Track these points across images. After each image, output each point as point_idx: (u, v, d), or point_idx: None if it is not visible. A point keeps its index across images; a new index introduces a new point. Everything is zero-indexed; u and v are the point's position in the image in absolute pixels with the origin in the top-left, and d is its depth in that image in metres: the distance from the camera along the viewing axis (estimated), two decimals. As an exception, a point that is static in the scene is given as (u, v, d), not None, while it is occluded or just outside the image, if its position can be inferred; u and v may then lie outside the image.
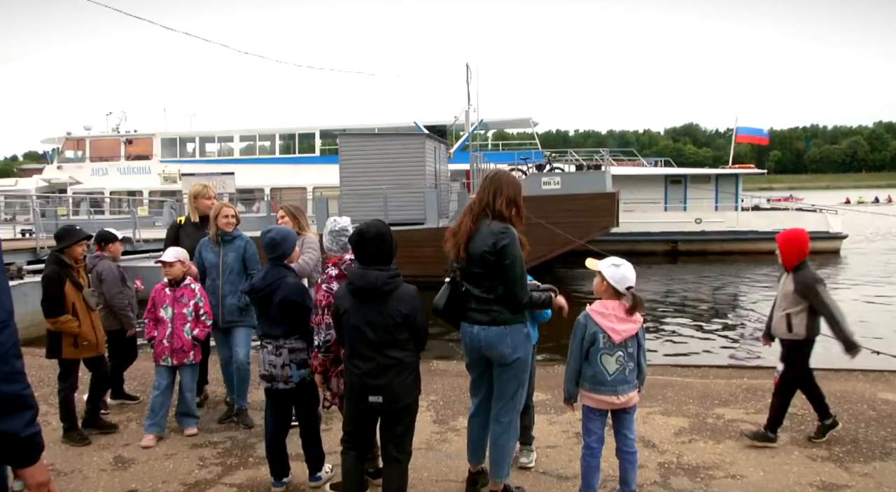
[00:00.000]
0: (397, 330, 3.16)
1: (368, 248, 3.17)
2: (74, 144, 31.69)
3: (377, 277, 3.13)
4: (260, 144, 30.41)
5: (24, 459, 1.69)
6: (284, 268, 3.85)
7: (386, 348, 3.16)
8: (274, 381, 3.76)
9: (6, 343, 1.63)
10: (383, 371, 3.16)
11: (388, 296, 3.15)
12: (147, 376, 6.13)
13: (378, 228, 3.21)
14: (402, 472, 3.31)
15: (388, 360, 3.16)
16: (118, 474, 4.17)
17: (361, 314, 3.15)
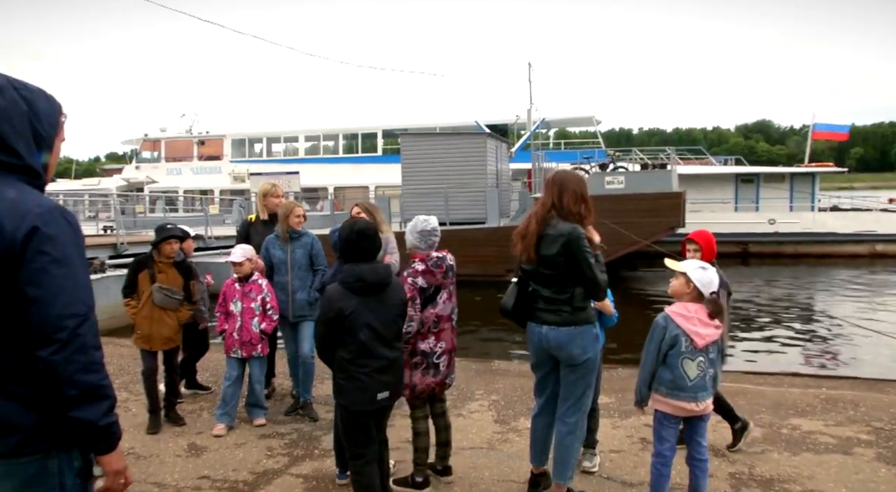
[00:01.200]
0: (398, 319, 3.30)
1: (368, 246, 3.24)
2: (151, 145, 33.22)
3: (384, 269, 3.28)
4: (324, 143, 31.10)
5: (101, 447, 1.75)
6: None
7: (393, 341, 3.26)
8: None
9: (86, 335, 1.69)
10: (391, 365, 3.22)
11: (388, 287, 3.25)
12: (218, 367, 6.36)
13: (372, 227, 3.35)
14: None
15: (395, 353, 3.26)
16: (192, 461, 4.34)
17: (370, 310, 3.16)
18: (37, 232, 1.65)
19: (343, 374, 3.19)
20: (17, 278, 1.63)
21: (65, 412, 1.67)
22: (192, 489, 3.92)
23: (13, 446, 1.66)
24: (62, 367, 1.63)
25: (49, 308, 1.64)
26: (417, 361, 3.71)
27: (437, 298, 3.71)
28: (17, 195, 1.70)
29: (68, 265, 1.68)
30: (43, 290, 1.63)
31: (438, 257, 3.72)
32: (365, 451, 3.27)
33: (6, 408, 1.66)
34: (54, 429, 1.71)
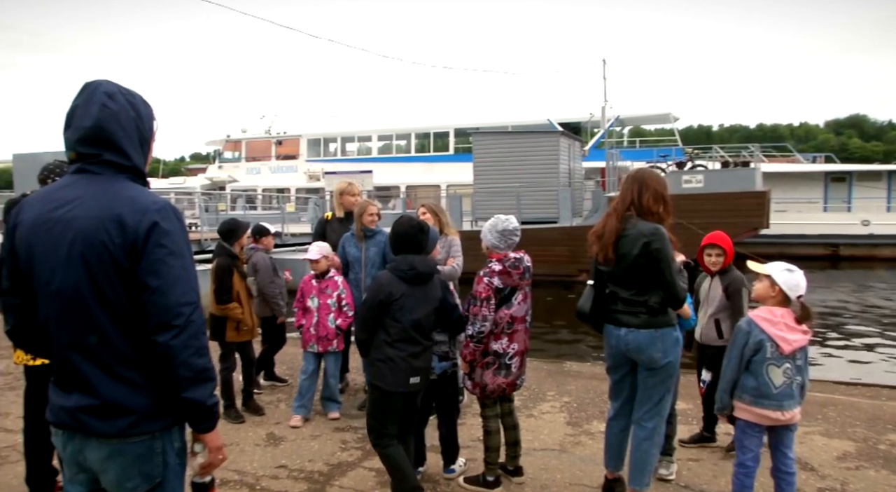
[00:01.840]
0: (433, 313, 3.51)
1: (422, 239, 3.51)
2: (233, 146, 34.66)
3: (433, 261, 3.52)
4: (396, 143, 31.54)
5: (205, 425, 1.89)
6: None
7: (430, 330, 3.51)
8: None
9: (197, 321, 1.81)
10: (424, 353, 3.47)
11: (430, 280, 3.48)
12: (295, 360, 6.56)
13: (422, 223, 3.61)
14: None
15: (429, 341, 3.52)
16: (270, 450, 4.50)
17: (415, 298, 3.41)
18: (156, 226, 1.77)
19: (381, 356, 3.40)
20: (137, 269, 1.75)
21: (178, 393, 1.79)
22: (270, 478, 4.06)
23: (125, 427, 1.79)
24: (178, 351, 1.76)
25: (167, 297, 1.76)
26: (489, 361, 3.70)
27: (512, 299, 3.68)
28: (134, 193, 1.83)
29: (182, 257, 1.82)
30: (162, 280, 1.76)
31: (516, 258, 3.69)
32: (390, 431, 3.47)
33: (119, 391, 1.79)
34: (162, 411, 1.83)
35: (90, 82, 1.88)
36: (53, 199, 1.83)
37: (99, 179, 1.84)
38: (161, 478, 1.88)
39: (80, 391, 1.80)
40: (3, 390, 5.92)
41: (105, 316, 1.77)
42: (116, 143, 1.85)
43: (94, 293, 1.76)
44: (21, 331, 1.95)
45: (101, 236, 1.74)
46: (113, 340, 1.78)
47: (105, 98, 1.84)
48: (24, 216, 1.86)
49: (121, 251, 1.75)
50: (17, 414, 5.15)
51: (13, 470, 4.14)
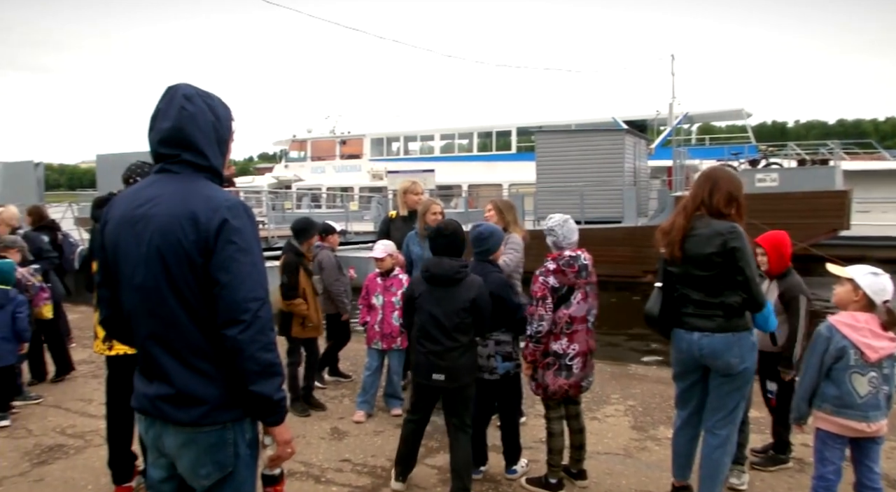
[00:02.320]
0: (464, 314, 3.52)
1: (444, 242, 3.65)
2: (298, 146, 35.54)
3: (450, 265, 3.57)
4: (459, 142, 31.59)
5: (273, 419, 1.94)
6: (490, 263, 3.95)
7: (454, 331, 3.53)
8: (480, 371, 3.88)
9: (265, 317, 1.87)
10: (448, 352, 3.53)
11: (459, 283, 3.56)
12: (358, 357, 6.66)
13: (454, 227, 3.71)
14: (468, 442, 3.65)
15: (454, 343, 3.53)
16: (334, 444, 4.59)
17: (434, 298, 3.57)
18: (227, 224, 1.83)
19: (413, 348, 3.72)
20: (209, 265, 1.82)
21: (246, 386, 1.84)
22: (334, 471, 4.14)
23: (198, 417, 1.86)
24: (246, 345, 1.81)
25: (236, 292, 1.82)
26: (549, 361, 3.66)
27: (570, 298, 3.63)
28: (209, 191, 1.90)
29: (252, 254, 1.87)
30: (232, 275, 1.82)
31: (571, 256, 3.64)
32: (415, 413, 3.80)
33: (193, 382, 1.86)
34: (233, 403, 1.89)
35: (171, 86, 1.97)
36: (137, 197, 1.93)
37: (178, 179, 1.92)
38: (233, 468, 1.94)
39: (159, 380, 1.89)
40: (87, 377, 6.26)
41: (181, 309, 1.84)
42: (194, 143, 1.93)
43: (171, 288, 1.84)
44: (112, 321, 2.05)
45: (176, 233, 1.82)
46: (188, 333, 1.85)
47: (184, 101, 1.92)
48: (112, 213, 1.97)
49: (194, 247, 1.82)
50: (99, 401, 5.45)
51: (96, 453, 4.37)
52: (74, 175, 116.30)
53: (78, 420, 5.07)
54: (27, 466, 4.23)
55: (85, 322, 8.57)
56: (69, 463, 4.28)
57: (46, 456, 4.38)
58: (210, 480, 1.92)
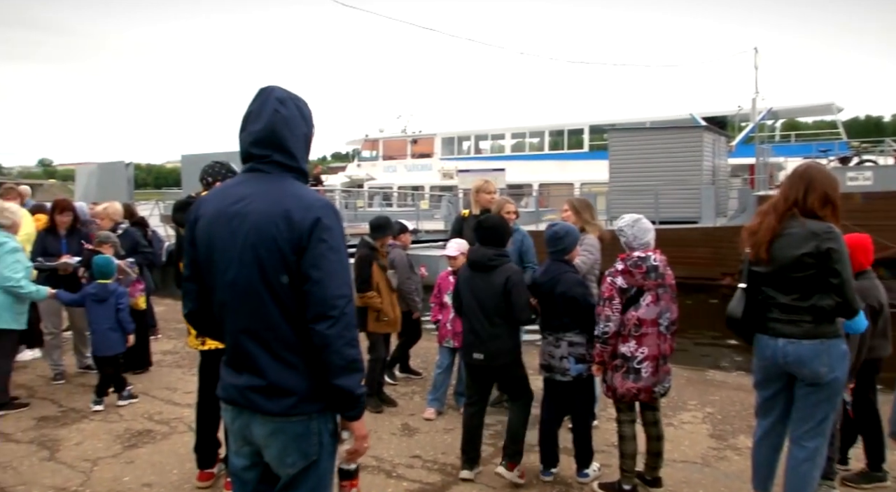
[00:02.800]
0: (498, 298, 3.78)
1: (483, 233, 3.97)
2: (370, 145, 36.15)
3: (485, 253, 3.90)
4: (529, 140, 31.33)
5: (353, 413, 1.99)
6: (565, 263, 3.91)
7: (492, 314, 3.82)
8: (552, 371, 3.85)
9: (350, 314, 1.93)
10: (486, 333, 3.83)
11: (494, 270, 3.83)
12: (429, 354, 6.72)
13: (494, 221, 4.07)
14: (521, 408, 3.94)
15: (491, 324, 3.82)
16: (405, 440, 4.64)
17: (474, 283, 3.91)
18: (319, 222, 1.90)
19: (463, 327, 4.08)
20: (301, 261, 1.89)
21: (330, 380, 1.90)
22: (405, 467, 4.19)
23: (287, 407, 1.93)
24: (333, 340, 1.87)
25: (326, 289, 1.88)
26: (617, 363, 3.59)
27: (640, 300, 3.54)
28: (300, 191, 1.98)
29: (340, 252, 1.94)
30: (322, 272, 1.88)
31: (639, 257, 3.55)
32: (470, 398, 4.10)
33: (283, 374, 1.93)
34: (319, 395, 1.95)
35: (264, 88, 2.04)
36: (229, 195, 2.01)
37: (268, 178, 1.99)
38: (317, 457, 2.00)
39: (249, 372, 1.96)
40: (171, 367, 6.59)
41: (273, 304, 1.91)
42: (285, 145, 2.00)
43: (264, 283, 1.90)
44: (197, 315, 2.14)
45: (271, 230, 1.89)
46: (279, 327, 1.92)
47: (277, 104, 2.00)
48: (204, 210, 2.04)
49: (288, 245, 1.88)
50: (183, 390, 5.72)
51: (181, 440, 4.59)
52: (160, 174, 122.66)
53: (164, 408, 5.34)
54: (119, 448, 4.49)
55: (169, 315, 9.01)
56: (156, 447, 4.51)
57: (136, 440, 4.64)
58: (296, 468, 1.99)
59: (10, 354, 5.40)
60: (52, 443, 4.58)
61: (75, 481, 3.98)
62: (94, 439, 4.66)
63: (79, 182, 18.88)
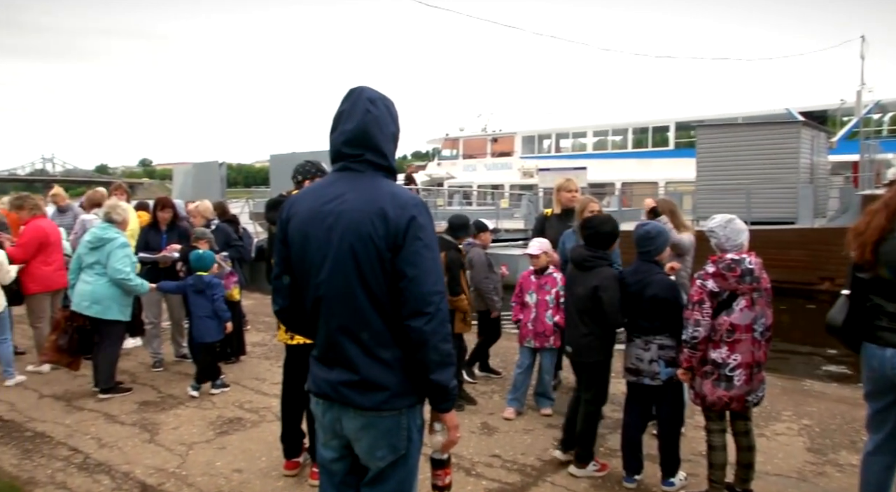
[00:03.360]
0: (588, 300, 3.84)
1: (586, 233, 4.02)
2: (451, 144, 36.42)
3: (582, 253, 3.97)
4: (612, 138, 30.66)
5: (446, 405, 2.03)
6: (655, 264, 3.80)
7: (583, 313, 3.90)
8: (640, 375, 3.74)
9: (444, 310, 1.96)
10: (577, 329, 3.97)
11: (589, 270, 3.88)
12: (508, 354, 6.69)
13: (597, 222, 4.05)
14: (588, 415, 3.96)
15: (581, 322, 3.93)
16: (484, 439, 4.63)
17: (573, 280, 4.04)
18: (414, 220, 1.93)
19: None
20: (396, 259, 1.92)
21: (426, 375, 1.95)
22: (484, 465, 4.18)
23: (379, 402, 1.98)
24: (430, 336, 1.91)
25: (422, 286, 1.91)
26: (707, 369, 3.44)
27: (732, 304, 3.37)
28: (393, 189, 2.01)
29: (433, 250, 1.97)
30: (418, 269, 1.91)
31: (733, 260, 3.38)
32: (577, 385, 4.21)
33: (375, 369, 1.97)
34: (409, 390, 1.99)
35: (354, 89, 2.08)
36: (322, 193, 2.05)
37: (361, 177, 2.03)
38: (405, 451, 2.05)
39: (342, 367, 2.00)
40: (260, 359, 6.86)
41: (367, 301, 1.95)
42: (376, 144, 2.03)
43: (360, 280, 1.94)
44: (287, 311, 2.19)
45: (367, 228, 1.92)
46: (373, 324, 1.96)
47: (368, 104, 2.03)
48: (297, 209, 2.09)
49: (383, 242, 1.92)
50: (271, 381, 5.95)
51: (269, 428, 4.77)
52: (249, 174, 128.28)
53: (253, 397, 5.57)
54: (212, 434, 4.72)
55: (258, 308, 9.40)
56: (246, 435, 4.71)
57: (227, 427, 4.86)
58: (385, 461, 2.04)
59: (118, 342, 5.79)
60: (152, 426, 4.87)
61: (173, 463, 4.22)
62: (190, 424, 4.92)
63: (176, 181, 20.01)
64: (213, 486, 3.90)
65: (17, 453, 4.42)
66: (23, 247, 6.15)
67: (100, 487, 3.89)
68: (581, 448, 4.00)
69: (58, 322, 5.63)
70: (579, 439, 4.00)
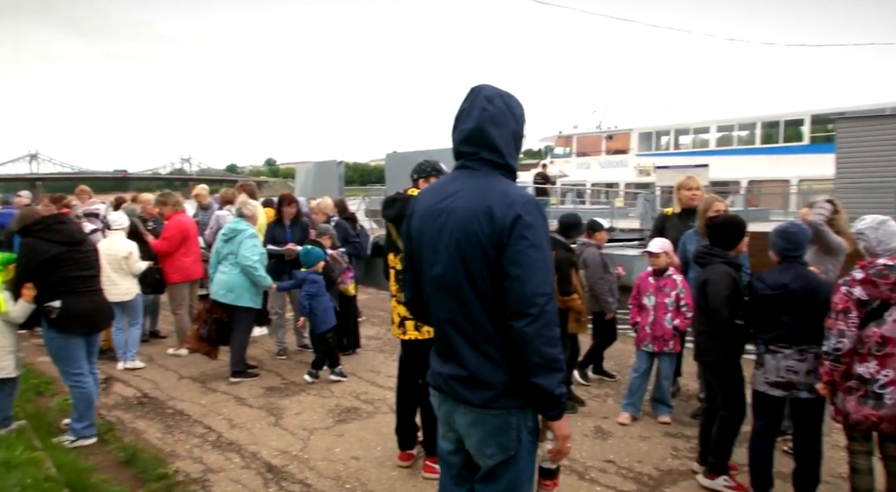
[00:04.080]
0: (700, 296, 3.82)
1: (710, 231, 4.00)
2: (563, 142, 35.80)
3: (699, 249, 3.95)
4: (738, 133, 28.84)
5: (551, 413, 1.97)
6: (803, 265, 3.53)
7: (699, 310, 3.91)
8: (793, 389, 3.44)
9: (551, 312, 1.91)
10: (695, 327, 4.04)
11: (703, 267, 3.83)
12: (623, 357, 6.48)
13: (721, 220, 4.01)
14: (723, 421, 3.77)
15: (698, 319, 3.96)
16: (598, 443, 4.51)
17: (696, 280, 4.00)
18: (520, 219, 1.90)
19: None
20: (501, 258, 1.91)
21: (528, 377, 1.90)
22: (598, 470, 4.07)
23: (486, 400, 1.97)
24: (532, 338, 1.87)
25: (526, 286, 1.88)
26: (852, 385, 3.13)
27: (884, 314, 3.05)
28: (505, 187, 2.00)
29: (542, 249, 1.92)
30: (522, 270, 1.89)
31: (886, 266, 3.06)
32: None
33: (482, 367, 1.97)
34: (517, 390, 1.96)
35: (474, 87, 2.09)
36: (440, 191, 2.10)
37: (476, 175, 2.04)
38: (515, 452, 2.02)
39: (453, 362, 2.03)
40: (375, 352, 7.08)
41: (474, 298, 1.95)
42: (493, 143, 2.03)
43: (467, 277, 1.95)
44: (414, 303, 2.27)
45: (473, 226, 1.93)
46: (479, 320, 1.96)
47: (485, 102, 2.03)
48: (418, 206, 2.16)
49: (489, 241, 1.91)
50: (385, 373, 6.12)
51: (384, 420, 4.91)
52: (365, 172, 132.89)
53: (369, 388, 5.76)
54: (331, 422, 4.93)
55: (373, 303, 9.71)
56: (363, 424, 4.87)
57: (345, 416, 5.06)
58: (494, 460, 2.03)
59: (248, 329, 6.21)
60: (276, 410, 5.17)
61: (296, 446, 4.45)
62: (311, 411, 5.16)
63: (298, 179, 21.06)
64: (332, 471, 4.07)
65: (161, 427, 4.84)
66: (167, 240, 6.73)
67: (231, 464, 4.17)
68: (714, 457, 3.80)
69: (199, 314, 6.15)
70: (713, 447, 3.81)
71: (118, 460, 4.23)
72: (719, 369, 3.82)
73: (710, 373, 3.95)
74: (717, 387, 3.87)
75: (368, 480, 3.95)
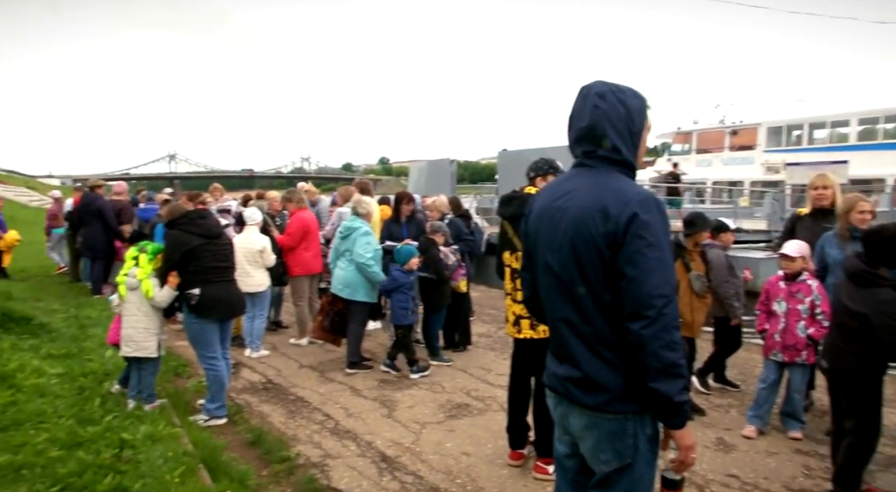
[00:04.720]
0: (855, 319, 3.36)
1: (866, 244, 3.45)
2: (682, 138, 34.16)
3: (857, 266, 3.42)
4: (884, 126, 26.24)
5: (672, 421, 1.88)
6: None
7: (845, 329, 3.46)
8: None
9: (670, 315, 1.82)
10: (836, 344, 3.54)
11: (864, 288, 3.35)
12: (747, 366, 6.11)
13: (889, 232, 3.37)
14: (852, 446, 3.45)
15: (842, 337, 3.49)
16: (720, 456, 4.27)
17: (841, 290, 3.54)
18: (636, 218, 1.84)
19: None
20: (617, 258, 1.85)
21: (645, 382, 1.83)
22: (720, 484, 3.85)
23: (601, 403, 1.92)
24: (649, 341, 1.79)
25: (642, 287, 1.81)
26: None
27: None
28: (621, 185, 1.94)
29: (660, 249, 1.84)
30: (638, 270, 1.82)
31: None
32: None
33: (597, 369, 1.92)
34: (633, 395, 1.89)
35: (585, 85, 2.05)
36: (557, 190, 2.08)
37: (593, 173, 2.00)
38: (631, 460, 1.94)
39: (568, 362, 1.99)
40: (486, 349, 7.10)
41: (588, 298, 1.91)
42: (607, 139, 1.97)
43: (581, 277, 1.91)
44: (532, 302, 2.27)
45: (588, 225, 1.89)
46: (593, 321, 1.91)
47: (597, 99, 1.98)
48: (535, 205, 2.16)
49: (603, 240, 1.86)
50: (496, 371, 6.12)
51: (494, 417, 4.91)
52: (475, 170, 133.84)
53: (480, 385, 5.78)
54: (442, 417, 5.00)
55: (484, 300, 9.75)
56: (473, 421, 4.91)
57: (456, 411, 5.11)
58: (609, 466, 1.96)
59: (363, 322, 6.44)
60: (390, 403, 5.31)
61: (408, 438, 4.55)
62: (423, 405, 5.26)
63: (411, 177, 21.53)
64: (443, 465, 4.13)
65: (284, 412, 5.12)
66: (291, 235, 7.11)
67: (347, 451, 4.34)
68: (839, 485, 3.51)
69: (322, 306, 6.51)
70: (840, 472, 3.52)
71: (245, 441, 4.53)
72: (861, 392, 3.47)
73: (845, 394, 3.57)
74: (851, 409, 3.51)
75: (479, 476, 3.97)
